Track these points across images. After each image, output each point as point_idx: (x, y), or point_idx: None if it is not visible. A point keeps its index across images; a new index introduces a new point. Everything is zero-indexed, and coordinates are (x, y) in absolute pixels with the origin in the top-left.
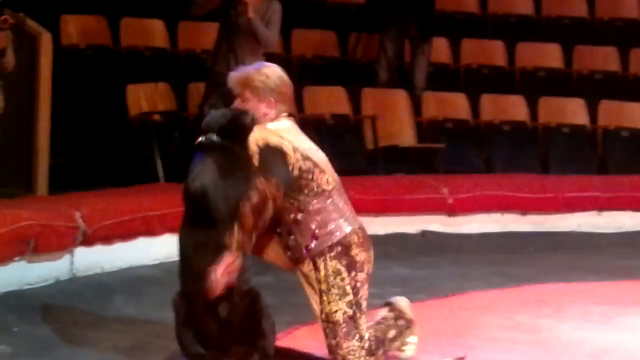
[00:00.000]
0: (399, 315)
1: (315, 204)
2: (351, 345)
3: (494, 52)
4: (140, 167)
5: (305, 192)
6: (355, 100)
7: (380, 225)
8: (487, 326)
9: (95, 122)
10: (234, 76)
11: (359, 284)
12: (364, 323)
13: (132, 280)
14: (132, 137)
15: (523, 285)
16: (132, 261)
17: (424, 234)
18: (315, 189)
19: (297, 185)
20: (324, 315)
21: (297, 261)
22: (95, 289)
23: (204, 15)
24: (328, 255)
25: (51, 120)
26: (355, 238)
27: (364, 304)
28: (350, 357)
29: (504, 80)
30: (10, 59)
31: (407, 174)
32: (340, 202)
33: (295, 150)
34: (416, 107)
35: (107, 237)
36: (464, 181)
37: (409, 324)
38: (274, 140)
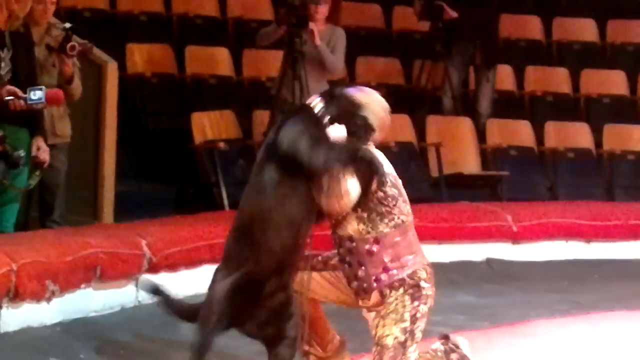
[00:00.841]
0: (451, 349)
1: (391, 236)
2: None
3: (558, 79)
4: (205, 195)
5: (385, 222)
6: (419, 128)
7: (445, 252)
8: (553, 354)
9: (160, 150)
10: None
11: (418, 315)
12: (413, 353)
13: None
14: (197, 165)
15: (588, 313)
16: (197, 289)
17: (489, 261)
18: (396, 219)
19: (378, 212)
20: (376, 338)
21: (363, 292)
22: (161, 317)
23: (269, 46)
24: (396, 287)
25: (117, 148)
26: (424, 274)
27: (419, 335)
28: None
29: (568, 107)
30: (77, 86)
31: (471, 201)
32: (412, 237)
33: (393, 186)
34: (480, 134)
35: (173, 264)
36: (528, 209)
37: (462, 359)
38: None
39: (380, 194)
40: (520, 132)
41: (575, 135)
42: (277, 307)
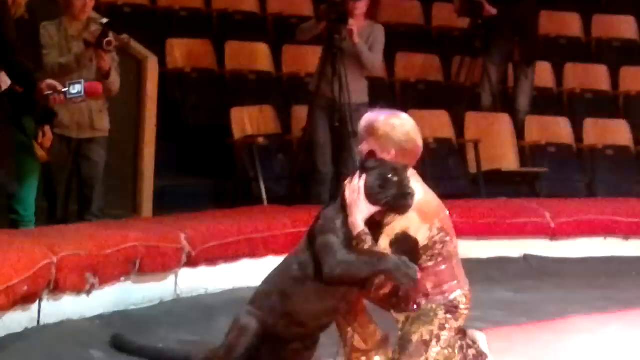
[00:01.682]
0: (469, 345)
1: (436, 266)
2: None
3: (597, 76)
4: (244, 190)
5: (433, 259)
6: (458, 124)
7: (482, 248)
8: (591, 351)
9: (199, 145)
10: (363, 120)
11: (447, 325)
12: (434, 352)
13: (236, 302)
14: (236, 159)
15: (626, 309)
16: (235, 283)
17: (526, 258)
18: (442, 256)
19: (426, 255)
20: (400, 334)
21: (400, 310)
22: (199, 310)
23: (309, 41)
24: (433, 307)
25: (156, 142)
26: (464, 300)
27: (443, 339)
28: None
29: (607, 104)
30: (114, 81)
31: (509, 197)
32: (455, 264)
33: (432, 227)
34: (519, 131)
35: (211, 258)
36: (566, 205)
37: (480, 356)
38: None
39: (429, 242)
40: (559, 129)
41: (614, 132)
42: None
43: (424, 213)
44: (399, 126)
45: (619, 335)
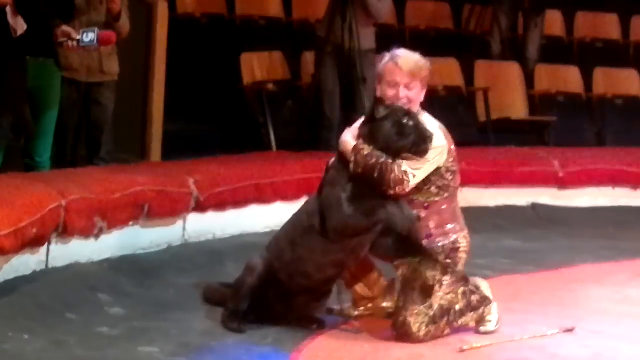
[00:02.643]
0: (472, 291)
1: (440, 204)
2: (417, 308)
3: (608, 25)
4: (253, 135)
5: (440, 193)
6: (468, 73)
7: (491, 197)
8: (597, 299)
9: (209, 90)
10: (404, 64)
11: (449, 269)
12: (439, 297)
13: (244, 247)
14: (245, 105)
15: (633, 259)
16: (243, 228)
17: (534, 206)
18: (449, 190)
19: (437, 185)
20: (402, 279)
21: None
22: (207, 255)
23: None
24: (435, 250)
25: (166, 87)
26: (464, 242)
27: (446, 284)
28: (411, 319)
29: (617, 53)
30: (124, 24)
31: (518, 146)
32: (456, 205)
33: (450, 151)
34: (529, 80)
35: (220, 203)
36: (575, 154)
37: (484, 301)
38: (437, 141)
39: (443, 169)
40: (569, 78)
41: (624, 81)
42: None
43: (444, 133)
44: (426, 61)
45: (626, 284)
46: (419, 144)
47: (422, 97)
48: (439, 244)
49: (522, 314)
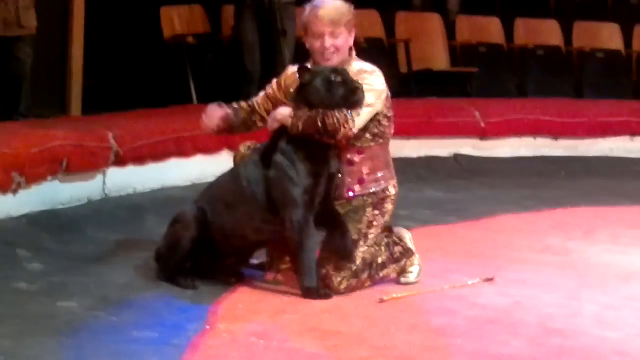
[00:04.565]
0: (395, 242)
1: (374, 150)
2: (340, 262)
3: None
4: (174, 89)
5: (375, 139)
6: (389, 24)
7: (413, 148)
8: (517, 248)
9: (129, 45)
10: (325, 14)
11: (375, 223)
12: (362, 251)
13: (164, 201)
14: (166, 59)
15: (554, 208)
16: (164, 182)
17: (456, 157)
18: (384, 136)
19: (372, 131)
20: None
21: (335, 199)
22: (128, 210)
23: None
24: (364, 199)
25: (85, 42)
26: (393, 191)
27: (371, 238)
28: (333, 273)
29: (538, 4)
30: None
31: (440, 97)
32: (389, 153)
33: (387, 97)
34: (450, 31)
35: (140, 157)
36: (496, 105)
37: (407, 253)
38: (377, 83)
39: (381, 115)
40: (490, 29)
41: (545, 32)
42: None
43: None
44: (349, 6)
45: (547, 233)
46: (350, 96)
47: (350, 42)
48: (371, 190)
49: (443, 264)
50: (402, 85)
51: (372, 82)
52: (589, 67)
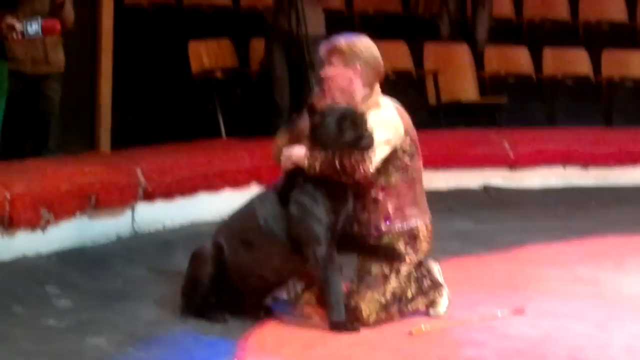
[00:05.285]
0: (424, 274)
1: (399, 187)
2: (370, 295)
3: (557, 5)
4: (202, 124)
5: (398, 175)
6: (417, 55)
7: (442, 179)
8: (547, 279)
9: (157, 79)
10: (325, 44)
11: (407, 259)
12: (393, 285)
13: (193, 236)
14: (194, 93)
15: (584, 238)
16: (193, 217)
17: (486, 188)
18: (408, 174)
19: (393, 166)
20: (360, 265)
21: (362, 237)
22: (157, 245)
23: None
24: (393, 236)
25: (114, 77)
26: (424, 230)
27: (403, 274)
28: (363, 305)
29: (567, 33)
30: (69, 13)
31: (469, 128)
32: (419, 191)
33: (407, 132)
34: (478, 61)
35: (169, 193)
36: (525, 135)
37: (435, 286)
38: (389, 117)
39: (400, 151)
40: (519, 59)
41: (574, 61)
42: None
43: (400, 113)
44: (362, 42)
45: (577, 263)
46: (357, 142)
47: (348, 77)
48: (397, 228)
49: (472, 295)
50: (430, 117)
51: (385, 116)
52: (618, 95)
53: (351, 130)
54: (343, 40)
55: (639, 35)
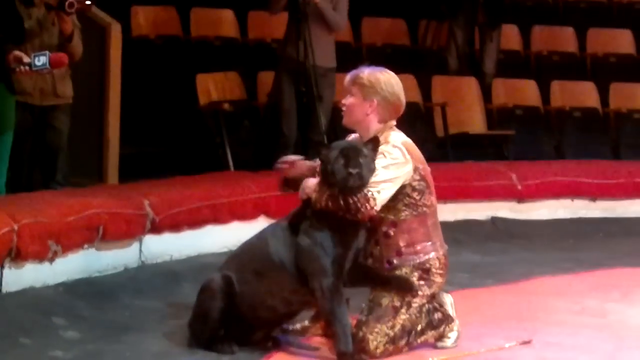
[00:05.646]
0: (436, 308)
1: (409, 222)
2: (379, 327)
3: (564, 38)
4: (210, 156)
5: (408, 211)
6: (425, 88)
7: (450, 211)
8: (555, 310)
9: (165, 112)
10: (350, 74)
11: (420, 292)
12: (403, 318)
13: (201, 268)
14: (202, 126)
15: (592, 270)
16: (200, 249)
17: (494, 220)
18: (419, 209)
19: (403, 203)
20: (372, 296)
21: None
22: (164, 277)
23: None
24: (405, 271)
25: (121, 110)
26: (437, 263)
27: (414, 308)
28: (370, 337)
29: (574, 66)
30: (77, 45)
31: (477, 161)
32: (432, 224)
33: (415, 169)
34: (486, 94)
35: (176, 225)
36: (533, 167)
37: (446, 319)
38: (396, 155)
39: (408, 188)
40: (526, 92)
41: (582, 94)
42: None
43: (408, 150)
44: (385, 78)
45: (585, 295)
46: (344, 181)
47: (365, 110)
48: (409, 262)
49: (479, 327)
50: (438, 149)
51: (393, 155)
52: (626, 128)
53: (342, 168)
54: (367, 72)
55: None
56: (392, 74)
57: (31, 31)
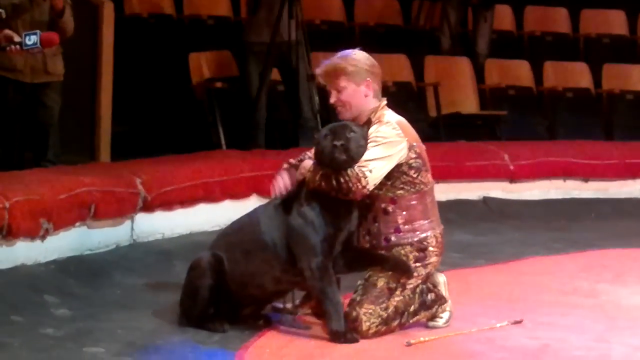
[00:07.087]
0: (429, 288)
1: (408, 199)
2: (372, 308)
3: (557, 19)
4: (202, 134)
5: (406, 188)
6: (417, 68)
7: (442, 191)
8: (546, 290)
9: (157, 90)
10: (323, 68)
11: (415, 273)
12: (397, 300)
13: (192, 247)
14: (194, 104)
15: (584, 250)
16: (192, 227)
17: (486, 200)
18: (416, 187)
19: (400, 181)
20: (367, 275)
21: (372, 248)
22: (156, 255)
23: None
24: (402, 249)
25: (113, 88)
26: (433, 242)
27: (409, 289)
28: (364, 317)
29: (567, 47)
30: (68, 21)
31: (469, 141)
32: (430, 203)
33: (411, 147)
34: (479, 74)
35: (168, 203)
36: (525, 148)
37: (439, 300)
38: (389, 133)
39: (405, 166)
40: (519, 72)
41: (574, 75)
42: None
43: (402, 129)
44: (359, 56)
45: (576, 275)
46: (330, 153)
47: (365, 92)
48: (407, 239)
49: (471, 307)
50: (431, 129)
51: (385, 133)
52: (618, 108)
53: (328, 143)
54: (340, 60)
55: (639, 48)
56: (357, 50)
57: (22, 6)
